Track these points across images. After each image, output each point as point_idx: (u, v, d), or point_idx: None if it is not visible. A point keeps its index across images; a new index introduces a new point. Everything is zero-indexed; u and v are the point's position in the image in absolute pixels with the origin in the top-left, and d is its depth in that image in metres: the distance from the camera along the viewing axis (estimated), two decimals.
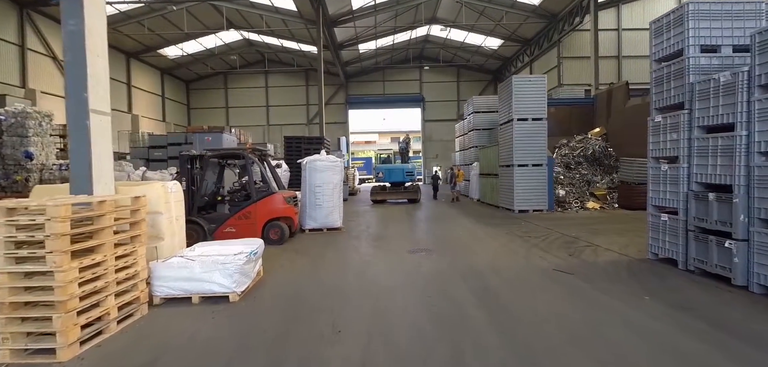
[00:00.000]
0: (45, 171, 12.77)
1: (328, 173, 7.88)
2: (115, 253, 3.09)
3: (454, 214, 10.95)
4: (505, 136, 11.18)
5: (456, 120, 37.32)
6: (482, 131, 15.61)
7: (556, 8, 23.45)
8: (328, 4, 21.44)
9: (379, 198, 14.92)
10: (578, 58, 24.71)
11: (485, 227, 8.51)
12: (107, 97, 4.14)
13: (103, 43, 4.09)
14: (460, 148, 18.10)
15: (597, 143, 12.94)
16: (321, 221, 7.92)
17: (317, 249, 6.51)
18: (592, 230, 7.63)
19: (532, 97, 10.38)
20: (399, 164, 15.44)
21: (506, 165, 11.01)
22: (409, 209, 12.72)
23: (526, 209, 10.53)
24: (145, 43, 26.36)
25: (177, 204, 4.74)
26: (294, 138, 17.54)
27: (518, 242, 6.76)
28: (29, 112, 12.29)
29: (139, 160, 19.28)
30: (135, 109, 27.76)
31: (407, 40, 31.40)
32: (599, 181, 12.28)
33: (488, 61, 34.46)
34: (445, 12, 26.74)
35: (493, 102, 15.76)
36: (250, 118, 35.93)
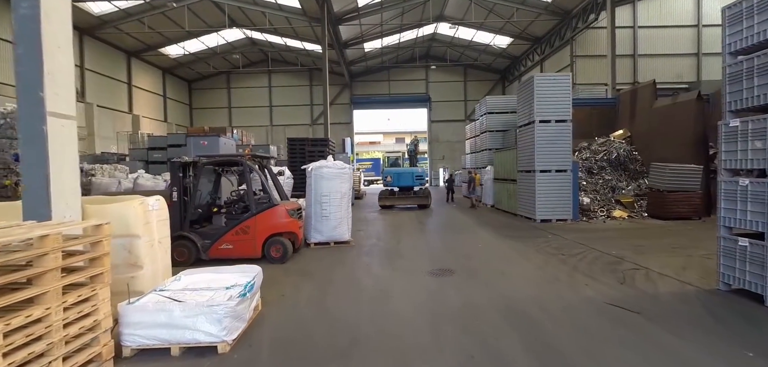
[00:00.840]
0: None
1: (336, 182, 7.11)
2: (64, 301, 2.35)
3: (470, 223, 10.16)
4: (524, 140, 10.36)
5: (463, 121, 36.54)
6: (496, 133, 14.79)
7: (569, 5, 22.58)
8: (333, 2, 20.71)
9: (388, 203, 14.17)
10: (592, 57, 23.81)
11: (509, 240, 7.70)
12: (71, 97, 3.39)
13: (66, 31, 3.34)
14: (472, 151, 17.28)
15: (621, 146, 12.09)
16: (328, 234, 7.16)
17: (325, 270, 5.75)
18: (632, 246, 6.81)
19: (555, 97, 9.56)
20: (408, 168, 14.67)
21: (526, 170, 10.19)
22: (420, 216, 11.94)
23: (549, 219, 9.71)
24: (146, 42, 25.76)
25: (160, 224, 3.99)
26: (297, 140, 16.78)
27: (554, 262, 5.95)
28: None
29: (138, 162, 18.65)
30: (136, 109, 27.17)
31: (413, 38, 30.61)
32: (625, 187, 11.43)
33: (496, 60, 33.61)
34: (453, 9, 25.92)
35: (507, 102, 14.96)
36: (253, 119, 35.29)
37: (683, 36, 24.29)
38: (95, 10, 21.20)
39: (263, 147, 19.16)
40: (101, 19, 22.00)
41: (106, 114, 24.25)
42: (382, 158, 21.61)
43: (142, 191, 7.97)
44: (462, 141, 36.57)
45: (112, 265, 3.52)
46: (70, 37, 3.35)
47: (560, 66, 25.55)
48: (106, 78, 24.51)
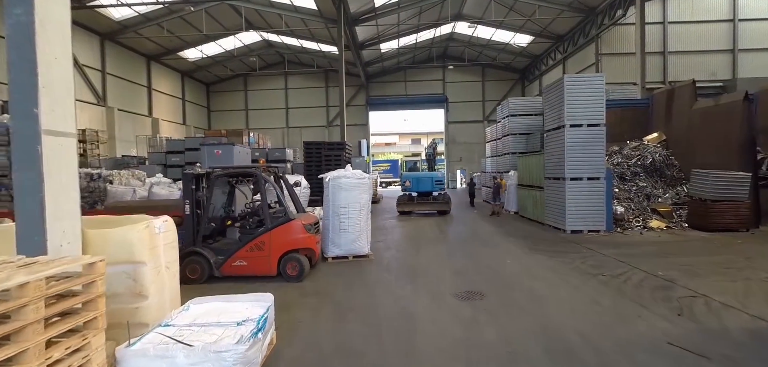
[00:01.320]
0: None
1: (355, 193, 6.72)
2: (49, 358, 2.01)
3: (495, 233, 9.61)
4: (553, 145, 9.75)
5: (482, 122, 35.78)
6: (519, 136, 14.15)
7: (594, 1, 21.65)
8: (349, 2, 20.40)
9: (406, 209, 13.74)
10: (618, 55, 22.76)
11: (540, 255, 7.14)
12: (70, 113, 3.09)
13: (64, 42, 3.05)
14: (492, 154, 16.66)
15: (656, 151, 11.31)
16: (346, 248, 6.78)
17: (343, 289, 5.36)
18: (680, 265, 6.16)
19: (587, 99, 8.93)
20: (427, 172, 14.20)
21: (555, 178, 9.59)
22: (441, 224, 11.45)
23: (580, 229, 9.09)
24: (166, 46, 26.07)
25: (167, 247, 3.67)
26: (314, 144, 16.55)
27: (593, 283, 5.40)
28: None
29: (157, 166, 18.77)
30: (155, 113, 27.55)
31: (430, 38, 30.06)
32: (661, 195, 10.67)
33: (516, 60, 32.69)
34: (471, 8, 25.26)
35: (531, 104, 14.31)
36: (269, 121, 35.40)
37: (717, 31, 22.98)
38: (116, 16, 21.50)
39: (279, 150, 18.99)
40: (122, 24, 22.31)
41: (127, 117, 24.63)
42: (400, 160, 21.14)
43: (157, 201, 7.77)
44: (480, 143, 35.81)
45: (115, 294, 3.23)
46: (69, 48, 3.06)
47: (584, 65, 24.58)
48: (126, 82, 24.89)
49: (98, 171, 11.89)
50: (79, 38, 21.20)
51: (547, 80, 30.41)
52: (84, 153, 20.07)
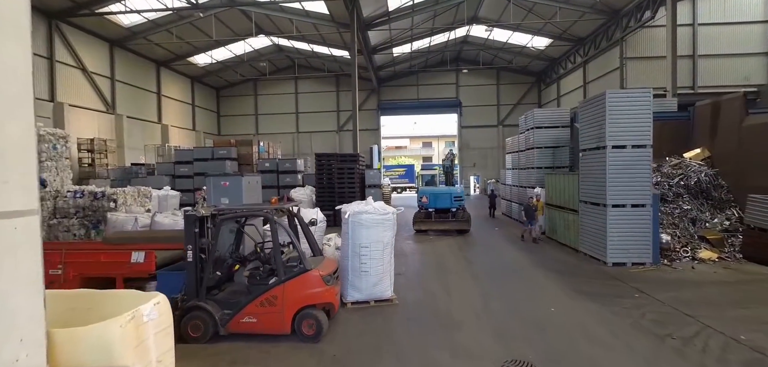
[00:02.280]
0: (59, 198, 11.67)
1: (378, 230, 5.96)
2: None
3: (527, 264, 8.74)
4: (591, 166, 8.86)
5: (496, 126, 34.78)
6: (545, 150, 13.25)
7: (619, 3, 20.58)
8: (362, 6, 19.68)
9: (423, 228, 12.93)
10: (645, 59, 21.64)
11: (588, 302, 6.23)
12: (32, 184, 2.37)
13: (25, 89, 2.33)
14: (514, 167, 15.75)
15: (701, 170, 10.32)
16: (367, 292, 6.02)
17: (367, 353, 4.62)
18: (761, 323, 5.23)
19: (632, 117, 8.03)
20: (445, 187, 13.35)
21: (593, 203, 8.70)
22: (464, 247, 10.63)
23: (623, 262, 8.19)
24: (175, 52, 25.70)
25: (160, 336, 2.95)
26: (325, 155, 15.84)
27: (666, 353, 4.53)
28: (42, 134, 11.17)
29: (165, 177, 18.29)
30: (165, 119, 27.22)
31: (444, 41, 29.21)
32: (708, 220, 9.69)
33: (532, 63, 31.64)
34: (488, 10, 24.36)
35: (557, 116, 13.40)
36: (279, 126, 34.93)
37: (751, 33, 21.69)
38: (125, 22, 21.14)
39: (290, 160, 18.37)
40: (131, 30, 21.96)
41: (136, 124, 24.30)
42: (417, 173, 20.28)
43: (159, 233, 7.11)
44: (494, 148, 34.86)
45: None
46: (30, 97, 2.34)
47: (607, 69, 23.50)
48: (135, 88, 24.56)
49: (102, 189, 11.36)
50: (87, 45, 20.89)
51: (566, 84, 29.32)
52: (92, 163, 19.72)
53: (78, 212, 11.43)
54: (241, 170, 18.84)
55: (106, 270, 6.26)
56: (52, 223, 11.30)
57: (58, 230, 11.25)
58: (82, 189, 11.64)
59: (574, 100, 28.40)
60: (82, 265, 6.28)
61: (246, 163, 18.94)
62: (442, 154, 58.62)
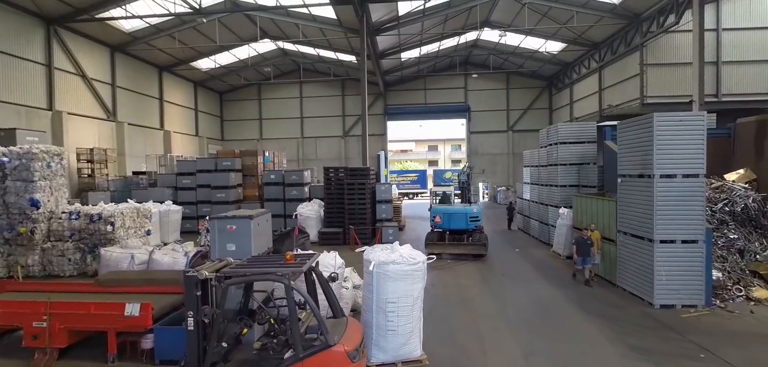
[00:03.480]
0: (53, 220, 10.95)
1: (407, 283, 5.18)
2: None
3: (563, 304, 7.86)
4: (632, 195, 8.04)
5: (505, 131, 33.89)
6: (570, 167, 12.42)
7: (639, 7, 19.69)
8: (371, 11, 18.90)
9: (436, 251, 11.85)
10: (665, 65, 20.71)
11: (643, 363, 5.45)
12: None
13: None
14: (533, 181, 14.92)
15: (748, 195, 9.47)
16: (394, 353, 5.24)
17: None
18: None
19: (684, 142, 7.20)
20: (461, 207, 12.43)
21: (636, 235, 7.88)
22: (487, 277, 9.81)
23: (672, 304, 7.36)
24: (178, 57, 25.02)
25: None
26: (334, 169, 15.07)
27: None
28: (35, 152, 10.43)
29: (167, 189, 17.58)
30: (167, 125, 26.55)
31: (454, 45, 28.38)
32: (759, 251, 8.84)
33: (544, 67, 30.73)
34: (501, 14, 23.53)
35: (583, 132, 12.56)
36: (283, 130, 34.22)
37: None
38: (127, 27, 20.46)
39: (297, 173, 17.62)
40: (133, 35, 21.28)
41: (138, 132, 23.63)
42: (431, 189, 19.33)
43: (157, 274, 6.36)
44: (504, 153, 33.99)
45: None
46: None
47: (625, 75, 22.59)
48: (137, 95, 23.89)
49: (99, 211, 10.63)
50: (87, 51, 20.21)
51: (579, 90, 28.40)
52: (92, 174, 19.04)
53: (73, 234, 10.72)
54: (245, 182, 18.11)
55: (97, 323, 5.53)
56: (46, 247, 10.60)
57: (53, 254, 10.56)
58: (77, 210, 10.93)
59: (588, 106, 27.50)
60: (70, 317, 5.55)
61: (250, 175, 18.21)
62: (447, 158, 57.64)
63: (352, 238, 13.55)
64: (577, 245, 8.84)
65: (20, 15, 16.77)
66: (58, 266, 10.54)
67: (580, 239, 8.78)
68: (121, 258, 6.77)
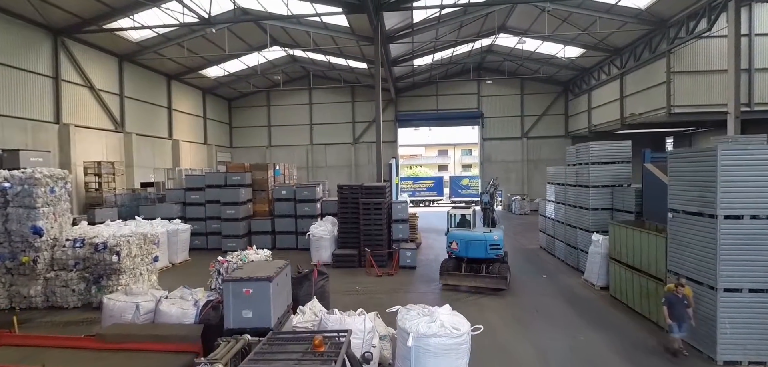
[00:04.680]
0: (57, 248, 10.42)
1: (450, 359, 4.46)
2: None
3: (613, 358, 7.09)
4: (688, 233, 7.21)
5: (520, 138, 32.93)
6: (603, 189, 11.58)
7: (667, 12, 18.71)
8: (385, 19, 18.19)
9: (451, 283, 10.85)
10: (694, 73, 19.69)
11: None
12: None
13: None
14: (559, 200, 14.10)
15: None
16: None
17: None
18: None
19: (753, 179, 6.39)
20: (480, 232, 11.12)
21: (693, 280, 7.06)
22: (522, 318, 9.04)
23: (737, 360, 6.55)
24: (186, 65, 24.57)
25: None
26: (348, 187, 14.39)
27: None
28: (38, 177, 9.91)
29: (175, 205, 17.05)
30: (176, 134, 26.15)
31: (467, 51, 27.55)
32: None
33: (560, 72, 29.76)
34: (518, 19, 22.67)
35: (617, 151, 11.72)
36: (292, 137, 33.69)
37: None
38: (135, 37, 20.03)
39: (309, 189, 16.98)
40: (141, 45, 20.86)
41: (146, 142, 23.22)
42: (445, 177, 18.39)
43: (165, 328, 5.75)
44: (518, 161, 33.03)
45: None
46: None
47: (649, 83, 21.60)
48: (145, 104, 23.49)
49: (104, 240, 10.07)
50: (95, 62, 19.81)
51: (599, 96, 27.35)
52: (99, 187, 18.61)
53: (78, 263, 10.21)
54: (255, 197, 17.52)
55: None
56: (49, 277, 10.10)
57: (56, 285, 10.05)
58: (82, 237, 10.39)
59: (609, 114, 26.46)
60: None
61: (260, 189, 17.63)
62: (457, 163, 56.68)
63: (368, 261, 12.87)
64: (669, 305, 6.81)
65: (27, 27, 16.38)
66: (62, 297, 10.03)
67: (674, 299, 6.75)
68: (126, 308, 6.15)
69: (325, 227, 14.36)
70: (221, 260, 7.03)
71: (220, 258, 7.15)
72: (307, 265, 13.52)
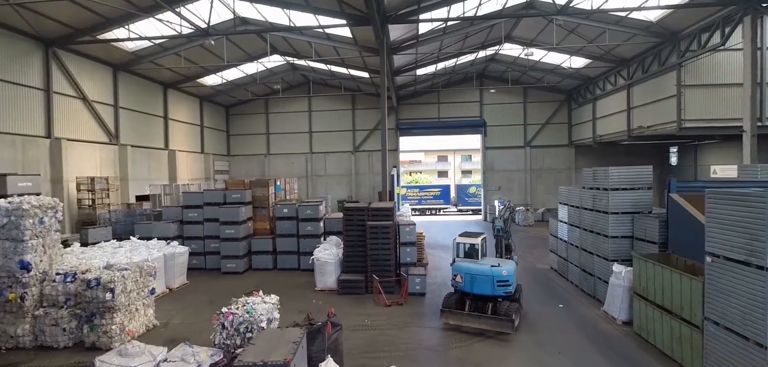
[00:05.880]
0: (46, 283, 9.74)
1: None
2: None
3: None
4: (731, 282, 6.70)
5: (523, 147, 32.46)
6: (622, 217, 11.09)
7: (678, 25, 18.31)
8: (390, 31, 17.65)
9: (452, 323, 9.83)
10: (705, 87, 19.31)
11: None
12: None
13: None
14: (573, 223, 13.59)
15: None
16: None
17: None
18: None
19: None
20: (488, 264, 10.01)
21: (738, 334, 6.55)
22: (545, 362, 8.51)
23: None
24: (184, 74, 23.86)
25: None
26: (355, 210, 13.80)
27: None
28: (26, 208, 9.24)
29: (172, 224, 16.38)
30: (172, 144, 25.43)
31: (471, 59, 27.07)
32: None
33: (564, 81, 29.35)
34: (524, 30, 22.22)
35: (637, 176, 11.22)
36: (292, 145, 33.04)
37: None
38: (130, 46, 19.33)
39: (311, 207, 16.36)
40: (136, 54, 20.15)
41: (141, 153, 22.50)
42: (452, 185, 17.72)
43: None
44: (521, 170, 32.55)
45: None
46: None
47: (658, 96, 21.21)
48: (141, 114, 22.77)
49: (97, 276, 9.42)
50: (89, 72, 19.10)
51: (604, 106, 26.92)
52: (93, 204, 17.89)
53: (69, 299, 9.55)
54: (255, 214, 16.88)
55: None
56: (38, 314, 9.42)
57: (45, 323, 9.37)
58: (73, 271, 9.74)
59: (615, 125, 26.04)
60: None
61: (261, 207, 17.00)
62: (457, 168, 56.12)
63: (376, 288, 12.29)
64: None
65: (16, 39, 15.66)
66: (52, 336, 9.36)
67: None
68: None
69: (329, 250, 13.77)
70: (226, 313, 6.41)
71: (225, 310, 6.54)
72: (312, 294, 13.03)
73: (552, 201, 31.22)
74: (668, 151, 29.51)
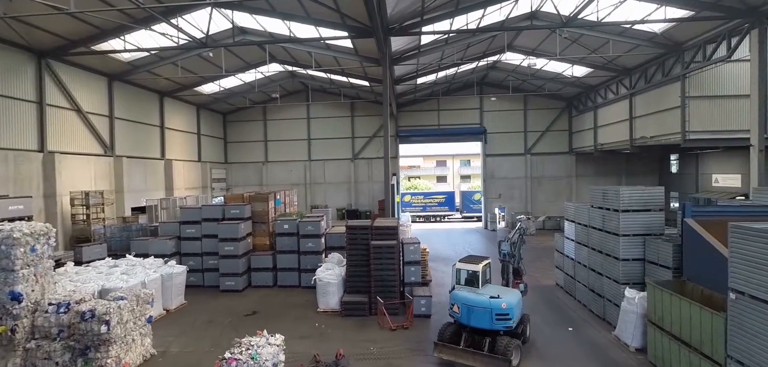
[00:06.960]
0: (38, 314, 9.32)
1: None
2: None
3: None
4: (757, 322, 6.45)
5: (523, 154, 32.26)
6: (634, 238, 10.83)
7: (682, 36, 18.15)
8: (392, 42, 17.36)
9: (446, 357, 9.03)
10: (709, 98, 19.15)
11: None
12: None
13: None
14: (580, 241, 13.33)
15: None
16: None
17: None
18: None
19: None
20: (486, 298, 9.12)
21: None
22: None
23: None
24: (180, 83, 23.43)
25: None
26: (359, 228, 13.45)
27: None
28: (16, 237, 8.83)
29: (169, 240, 15.95)
30: (168, 154, 24.98)
31: (471, 68, 26.84)
32: None
33: (564, 89, 29.17)
34: (526, 39, 22.01)
35: (649, 198, 10.96)
36: (290, 153, 32.65)
37: None
38: (126, 56, 18.89)
39: (313, 223, 15.98)
40: (132, 64, 19.72)
41: (137, 164, 22.04)
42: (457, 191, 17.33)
43: None
44: (521, 177, 32.34)
45: None
46: None
47: (661, 106, 21.06)
48: (136, 124, 22.31)
49: (91, 308, 9.01)
50: (83, 83, 18.64)
51: (606, 115, 26.77)
52: (87, 219, 17.42)
53: (62, 331, 9.11)
54: (254, 230, 16.49)
55: None
56: (30, 347, 8.97)
57: (37, 357, 8.92)
58: (67, 301, 9.31)
59: (617, 134, 25.85)
60: None
61: (261, 222, 16.61)
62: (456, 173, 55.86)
63: (380, 311, 11.95)
64: None
65: (8, 51, 15.21)
66: None
67: None
68: None
69: (332, 270, 13.41)
70: (229, 359, 6.06)
71: (228, 356, 6.18)
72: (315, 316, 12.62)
73: (553, 209, 31.06)
74: (669, 160, 29.42)
